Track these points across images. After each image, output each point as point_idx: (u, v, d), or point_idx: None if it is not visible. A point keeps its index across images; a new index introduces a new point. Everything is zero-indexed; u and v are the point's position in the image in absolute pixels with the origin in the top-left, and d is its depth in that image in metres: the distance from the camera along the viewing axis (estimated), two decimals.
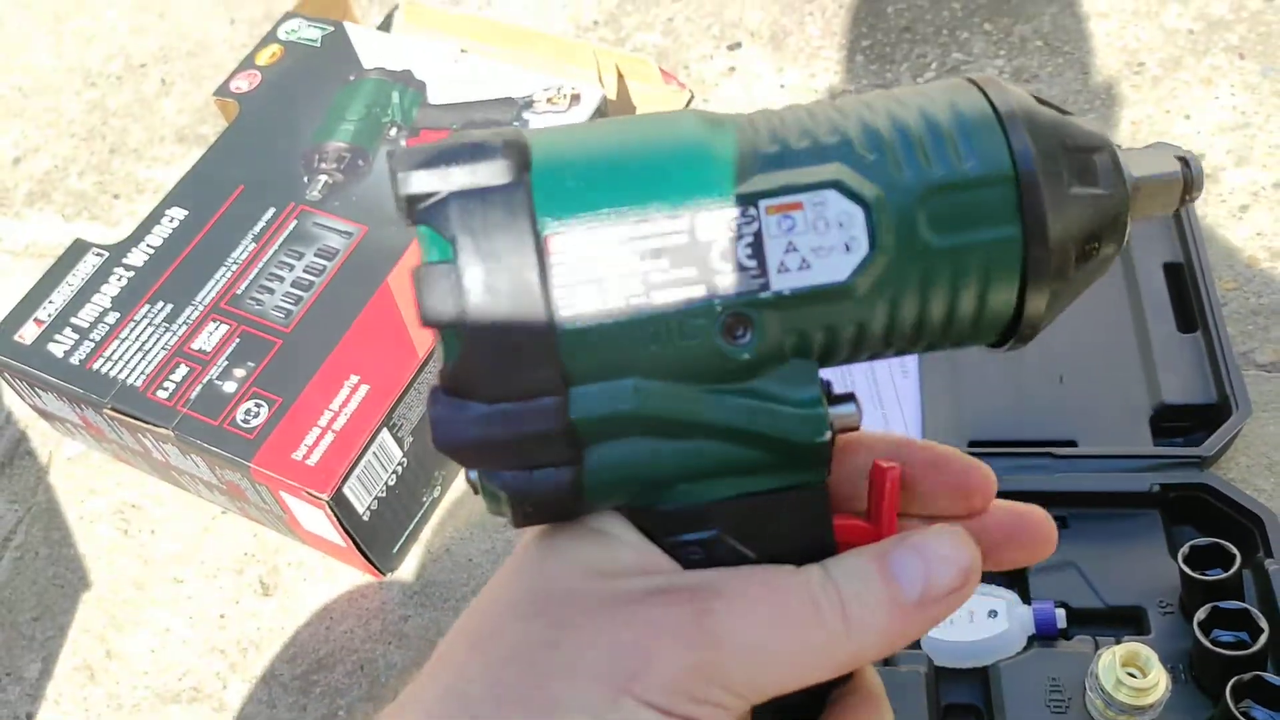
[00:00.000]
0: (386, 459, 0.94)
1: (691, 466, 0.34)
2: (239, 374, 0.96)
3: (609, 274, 0.32)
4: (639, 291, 0.32)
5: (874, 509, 0.37)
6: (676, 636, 0.32)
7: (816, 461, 0.34)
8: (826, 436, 0.34)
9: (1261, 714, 0.72)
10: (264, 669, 0.95)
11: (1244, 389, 0.90)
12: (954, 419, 0.94)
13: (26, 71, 1.46)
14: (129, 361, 0.98)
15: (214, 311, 1.00)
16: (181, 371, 0.97)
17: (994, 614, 0.81)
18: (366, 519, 0.93)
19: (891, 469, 0.37)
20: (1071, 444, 0.91)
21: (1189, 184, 0.36)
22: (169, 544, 1.03)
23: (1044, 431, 0.92)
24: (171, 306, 1.01)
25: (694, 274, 0.32)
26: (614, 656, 0.31)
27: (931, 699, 0.78)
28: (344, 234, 1.03)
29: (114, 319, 1.01)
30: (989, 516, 0.39)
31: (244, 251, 1.04)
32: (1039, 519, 0.39)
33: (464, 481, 1.01)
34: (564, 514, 0.35)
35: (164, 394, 0.96)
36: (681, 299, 0.32)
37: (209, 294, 1.01)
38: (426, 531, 1.01)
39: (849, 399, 0.35)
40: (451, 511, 1.02)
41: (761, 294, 0.32)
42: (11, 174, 1.36)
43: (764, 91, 1.25)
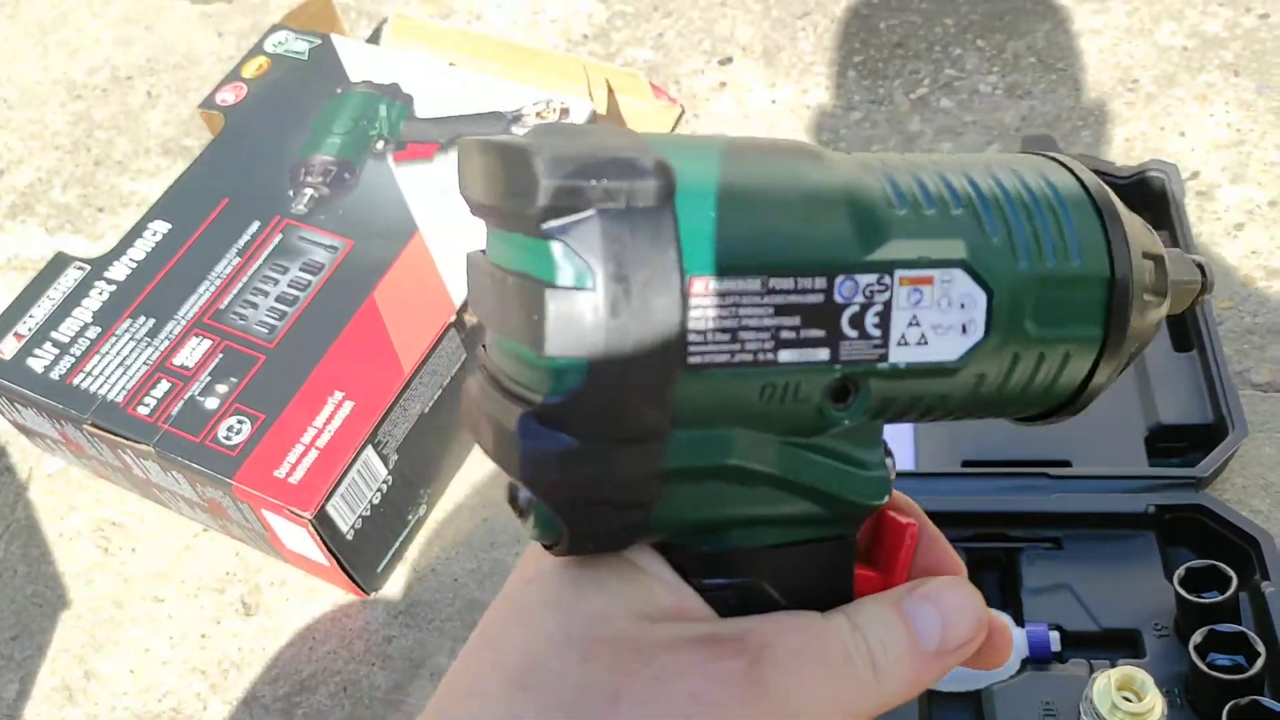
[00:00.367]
0: (371, 477, 0.92)
1: (751, 514, 0.33)
2: (221, 390, 0.94)
3: (743, 325, 0.30)
4: (768, 347, 0.31)
5: (886, 560, 0.37)
6: (733, 691, 0.31)
7: (863, 518, 0.35)
8: (887, 500, 0.35)
9: None
10: (245, 690, 0.93)
11: (1240, 409, 0.89)
12: (947, 438, 0.92)
13: (11, 83, 1.45)
14: (110, 377, 0.97)
15: (196, 326, 0.99)
16: (163, 387, 0.95)
17: None
18: (350, 538, 0.91)
19: (910, 525, 0.37)
20: (1066, 464, 0.90)
21: (1205, 288, 0.40)
22: (150, 562, 1.02)
23: (1038, 451, 0.90)
24: (153, 321, 1.00)
25: (821, 335, 0.31)
26: (673, 711, 0.31)
27: None
28: (329, 248, 1.02)
29: (95, 334, 1.00)
30: None
31: (228, 266, 1.02)
32: (998, 625, 0.38)
33: (449, 500, 1.00)
34: (618, 549, 0.34)
35: (145, 410, 0.94)
36: (804, 360, 0.31)
37: (192, 308, 1.00)
38: (412, 550, 0.99)
39: (889, 454, 0.36)
40: (437, 530, 1.00)
41: (879, 364, 0.32)
42: None
43: (756, 107, 1.24)
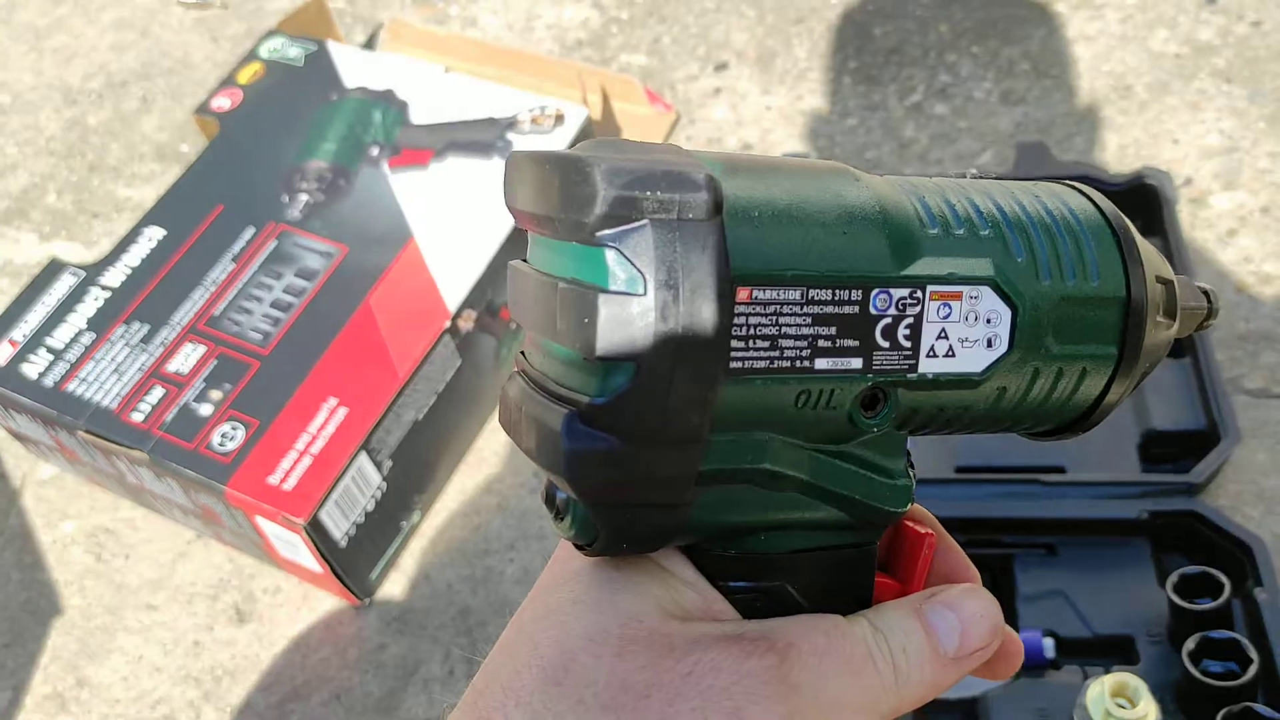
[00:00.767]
0: (365, 483, 0.92)
1: (780, 519, 0.34)
2: (215, 396, 0.94)
3: (783, 333, 0.32)
4: (805, 354, 0.32)
5: (905, 568, 0.38)
6: (763, 687, 0.32)
7: (886, 525, 0.37)
8: (909, 508, 0.36)
9: None
10: (238, 698, 0.93)
11: (1232, 415, 0.89)
12: (941, 444, 0.92)
13: (5, 88, 1.45)
14: (104, 383, 0.97)
15: (191, 333, 0.98)
16: (157, 393, 0.95)
17: None
18: (344, 545, 0.91)
19: (929, 534, 0.38)
20: (1059, 470, 0.90)
21: (1211, 314, 0.42)
22: (143, 569, 1.02)
23: (1032, 457, 0.90)
24: (148, 327, 0.99)
25: (856, 345, 0.33)
26: (705, 707, 0.32)
27: None
28: (324, 255, 1.02)
29: (89, 340, 0.99)
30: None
31: (223, 272, 1.02)
32: (1009, 635, 0.39)
33: (443, 507, 1.00)
34: (652, 550, 0.35)
35: (139, 416, 0.94)
36: (839, 368, 0.33)
37: (186, 315, 1.00)
38: (405, 557, 0.99)
39: (911, 465, 0.37)
40: (431, 537, 1.00)
41: (908, 374, 0.34)
42: None
43: (750, 113, 1.24)
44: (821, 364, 0.33)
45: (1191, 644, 0.75)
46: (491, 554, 0.98)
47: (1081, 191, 0.39)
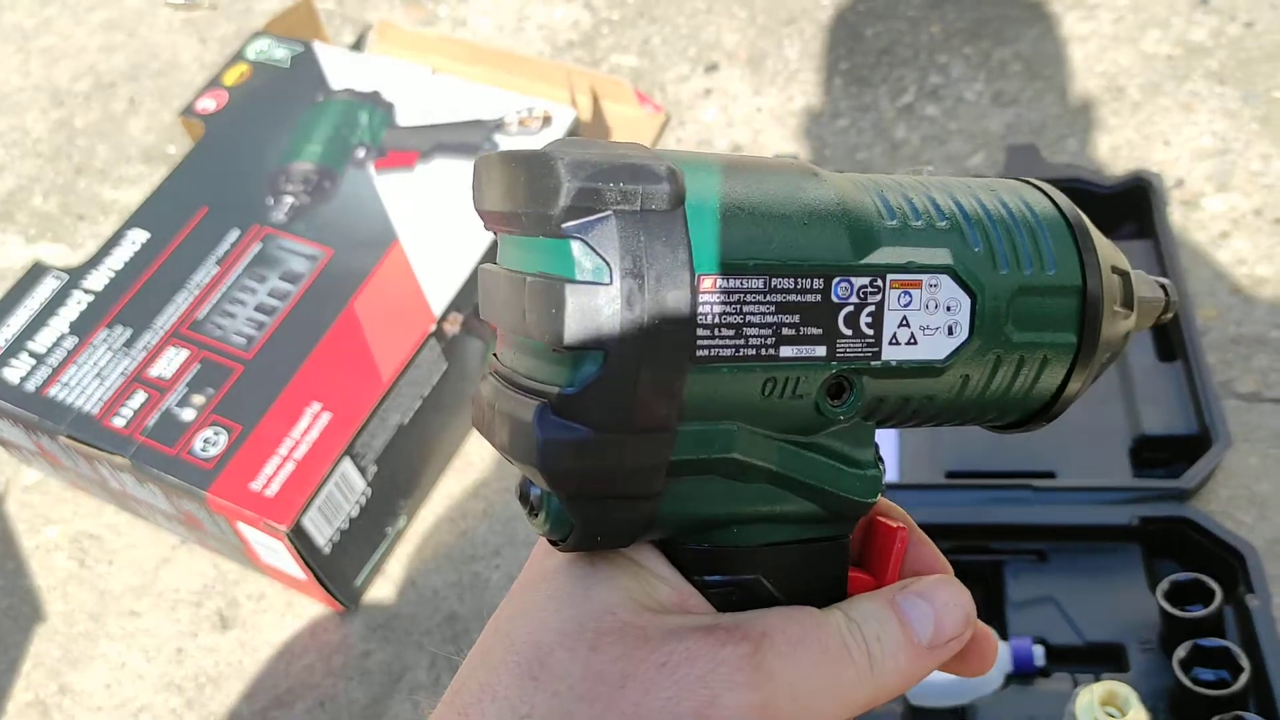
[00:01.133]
0: (349, 489, 0.91)
1: (751, 511, 0.35)
2: (198, 401, 0.93)
3: (747, 321, 0.32)
4: (770, 342, 0.33)
5: (878, 563, 0.39)
6: (738, 674, 0.32)
7: (857, 517, 0.37)
8: (878, 499, 0.36)
9: None
10: (221, 705, 0.92)
11: (1224, 420, 0.88)
12: (931, 449, 0.92)
13: None
14: (86, 388, 0.96)
15: (174, 337, 0.98)
16: (139, 398, 0.94)
17: None
18: (327, 551, 0.90)
19: (900, 529, 0.39)
20: (1050, 475, 0.89)
21: (1168, 307, 0.43)
22: (126, 575, 1.01)
23: (1022, 462, 0.90)
24: (131, 331, 0.99)
25: (819, 333, 0.34)
26: (680, 695, 0.32)
27: None
28: (309, 257, 1.01)
29: (72, 344, 0.99)
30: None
31: (206, 275, 1.01)
32: (984, 631, 0.39)
33: (429, 512, 0.99)
34: (625, 544, 0.35)
35: (120, 421, 0.93)
36: (804, 355, 0.33)
37: (169, 318, 0.99)
38: (391, 563, 0.98)
39: (881, 459, 0.37)
40: (416, 543, 0.99)
41: (872, 362, 0.34)
42: None
43: (741, 114, 1.24)
44: (786, 352, 0.33)
45: (1182, 652, 0.75)
46: (478, 559, 0.97)
47: (1038, 187, 0.39)
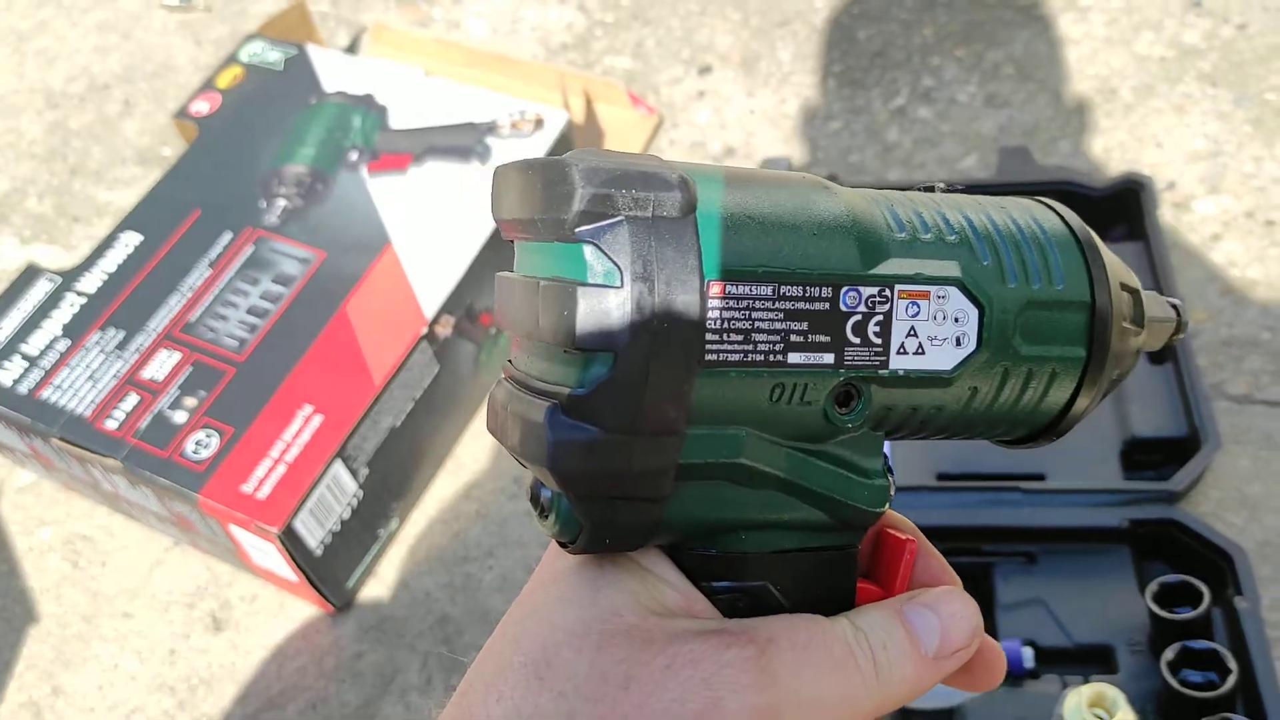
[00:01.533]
0: (340, 491, 0.91)
1: (759, 518, 0.35)
2: (190, 403, 0.93)
3: (755, 326, 0.33)
4: (778, 349, 0.33)
5: (887, 574, 0.39)
6: (743, 677, 0.33)
7: (865, 526, 0.37)
8: (886, 508, 0.37)
9: None
10: (214, 707, 0.92)
11: (1214, 422, 0.88)
12: (922, 450, 0.92)
13: None
14: (78, 390, 0.96)
15: (166, 339, 0.98)
16: (131, 401, 0.94)
17: None
18: (319, 554, 0.91)
19: (910, 541, 0.39)
20: (1040, 477, 0.89)
21: (1179, 328, 0.43)
22: (119, 577, 1.01)
23: (1012, 465, 0.90)
24: (123, 334, 0.99)
25: (827, 341, 0.34)
26: (685, 697, 0.32)
27: None
28: (301, 260, 1.01)
29: (64, 346, 0.99)
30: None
31: (199, 277, 1.01)
32: (992, 645, 0.40)
33: (421, 514, 0.99)
34: (634, 546, 0.35)
35: (113, 424, 0.93)
36: (812, 362, 0.34)
37: (162, 321, 0.99)
38: (383, 565, 0.98)
39: (891, 470, 0.37)
40: (410, 545, 0.99)
41: (880, 370, 0.35)
42: None
43: (734, 116, 1.24)
44: (794, 358, 0.34)
45: (1171, 654, 0.75)
46: (470, 561, 0.97)
47: (1050, 207, 0.40)
